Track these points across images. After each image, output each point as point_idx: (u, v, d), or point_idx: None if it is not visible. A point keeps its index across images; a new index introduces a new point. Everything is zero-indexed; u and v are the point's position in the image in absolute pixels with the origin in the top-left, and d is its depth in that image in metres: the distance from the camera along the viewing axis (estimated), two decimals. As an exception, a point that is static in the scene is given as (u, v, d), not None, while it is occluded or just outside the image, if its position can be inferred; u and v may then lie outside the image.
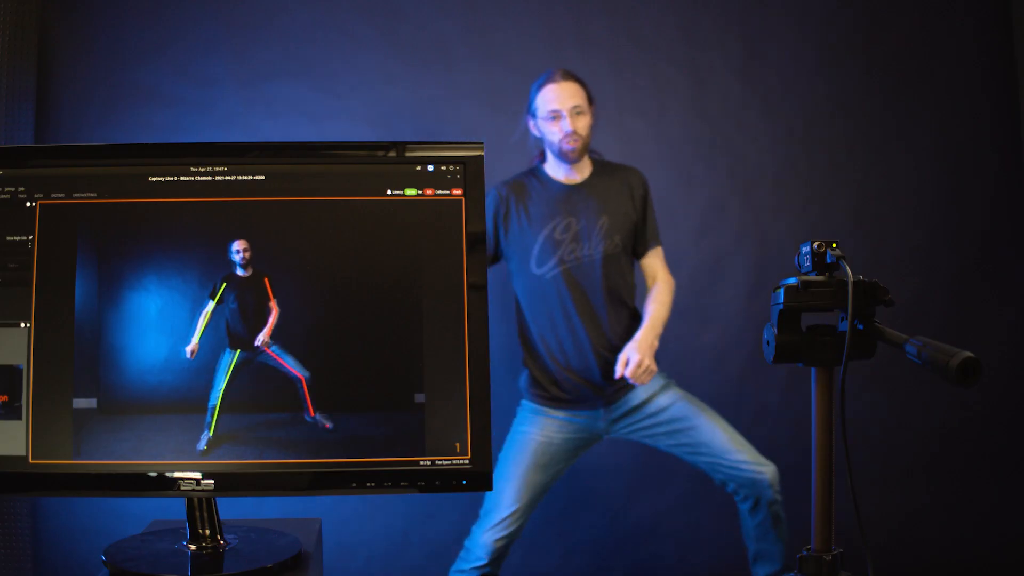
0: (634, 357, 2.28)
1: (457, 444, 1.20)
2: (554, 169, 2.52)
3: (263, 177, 1.22)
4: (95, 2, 2.93)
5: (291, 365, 1.19)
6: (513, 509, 2.36)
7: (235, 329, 1.19)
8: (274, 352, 1.19)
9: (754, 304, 3.04)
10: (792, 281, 1.16)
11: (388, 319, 1.21)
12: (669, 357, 3.02)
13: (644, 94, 3.08)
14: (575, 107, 2.43)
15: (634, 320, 2.48)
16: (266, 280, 1.20)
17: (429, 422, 1.20)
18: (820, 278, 1.16)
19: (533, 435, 2.43)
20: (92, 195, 1.20)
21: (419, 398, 1.20)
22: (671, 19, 3.09)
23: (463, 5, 3.04)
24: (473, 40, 3.04)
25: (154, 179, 1.21)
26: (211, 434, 1.17)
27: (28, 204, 1.19)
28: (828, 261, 1.16)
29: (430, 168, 1.23)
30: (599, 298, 2.43)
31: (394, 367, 1.21)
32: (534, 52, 3.05)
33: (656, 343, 2.36)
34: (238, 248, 1.20)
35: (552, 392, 2.45)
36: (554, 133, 2.44)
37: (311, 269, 1.21)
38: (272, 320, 1.19)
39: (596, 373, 2.41)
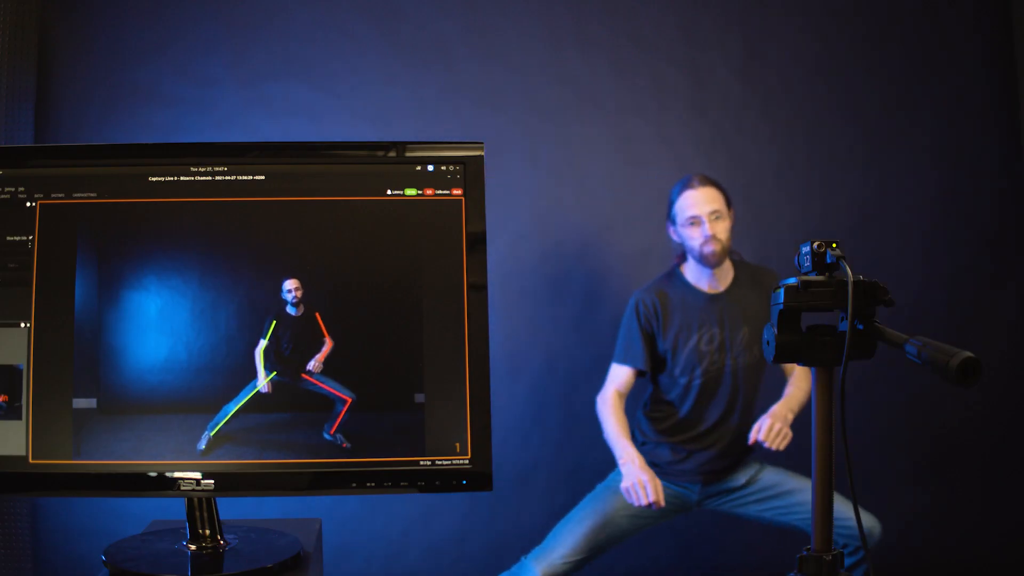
0: (767, 421, 2.31)
1: (457, 444, 1.20)
2: (695, 276, 2.53)
3: (263, 177, 1.22)
4: (95, 2, 2.93)
5: (336, 388, 1.19)
6: (585, 541, 2.37)
7: (282, 359, 1.19)
8: (318, 380, 1.19)
9: (754, 304, 3.04)
10: (792, 281, 1.16)
11: (388, 319, 1.21)
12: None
13: (644, 94, 3.08)
14: (714, 212, 2.45)
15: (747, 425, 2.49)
16: (317, 315, 1.20)
17: (429, 422, 1.20)
18: (820, 278, 1.16)
19: None
20: (92, 195, 1.20)
21: (419, 398, 1.20)
22: (671, 19, 3.09)
23: (463, 5, 3.04)
24: (473, 40, 3.04)
25: (154, 179, 1.21)
26: (211, 434, 1.17)
27: (28, 204, 1.19)
28: (828, 261, 1.16)
29: (430, 168, 1.23)
30: (731, 404, 2.49)
31: (394, 367, 1.21)
32: (534, 52, 3.05)
33: (791, 417, 2.36)
34: (290, 288, 1.20)
35: (653, 464, 2.46)
36: (694, 239, 2.45)
37: (311, 269, 1.21)
38: (326, 351, 1.19)
39: (697, 459, 2.48)
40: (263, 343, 1.18)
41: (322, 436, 1.19)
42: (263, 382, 1.18)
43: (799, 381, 2.49)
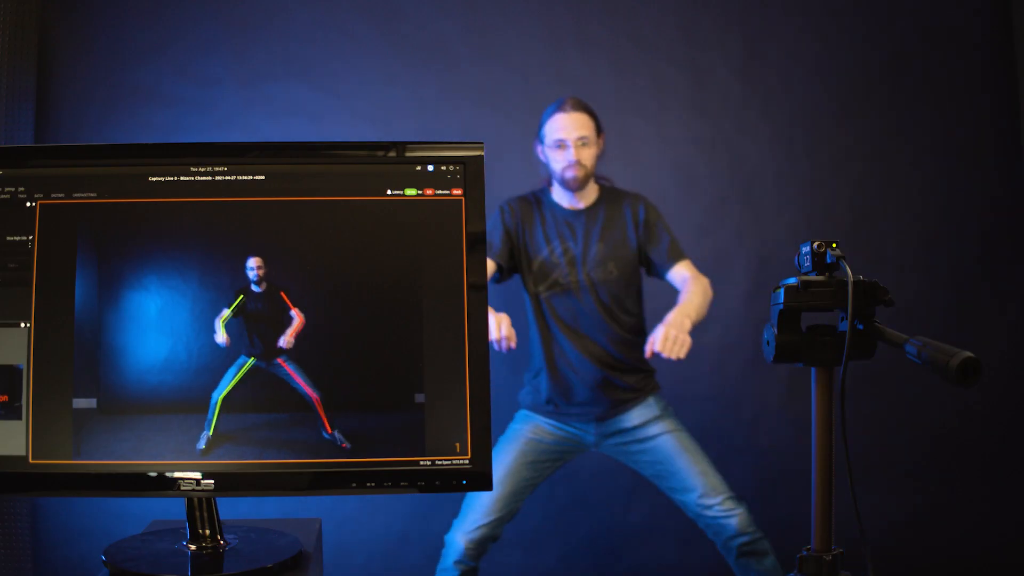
0: (660, 330, 2.24)
1: (457, 444, 1.20)
2: (559, 195, 2.56)
3: (263, 177, 1.22)
4: (95, 2, 2.93)
5: (305, 383, 1.19)
6: (494, 502, 2.38)
7: (254, 339, 1.19)
8: (291, 368, 1.19)
9: (754, 304, 3.04)
10: (792, 281, 1.16)
11: (388, 319, 1.21)
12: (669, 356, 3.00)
13: (644, 94, 3.08)
14: (581, 138, 2.47)
15: (637, 341, 2.50)
16: (282, 294, 1.20)
17: (429, 422, 1.20)
18: (820, 278, 1.16)
19: (524, 432, 2.49)
20: (92, 195, 1.20)
21: (419, 398, 1.20)
22: (671, 19, 3.09)
23: (463, 5, 3.04)
24: (473, 40, 3.04)
25: (154, 179, 1.21)
26: (211, 433, 1.17)
27: (28, 204, 1.19)
28: (828, 261, 1.16)
29: (430, 168, 1.23)
30: (591, 323, 2.47)
31: (394, 367, 1.21)
32: (534, 52, 3.05)
33: (688, 323, 2.29)
34: (252, 265, 1.20)
35: (547, 403, 2.50)
36: (558, 161, 2.48)
37: (311, 269, 1.21)
38: (296, 326, 1.19)
39: (583, 394, 2.45)
40: (226, 312, 1.18)
41: (322, 436, 1.19)
42: (220, 335, 1.17)
43: (693, 286, 2.45)
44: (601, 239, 2.50)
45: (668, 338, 2.21)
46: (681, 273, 2.52)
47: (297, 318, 1.19)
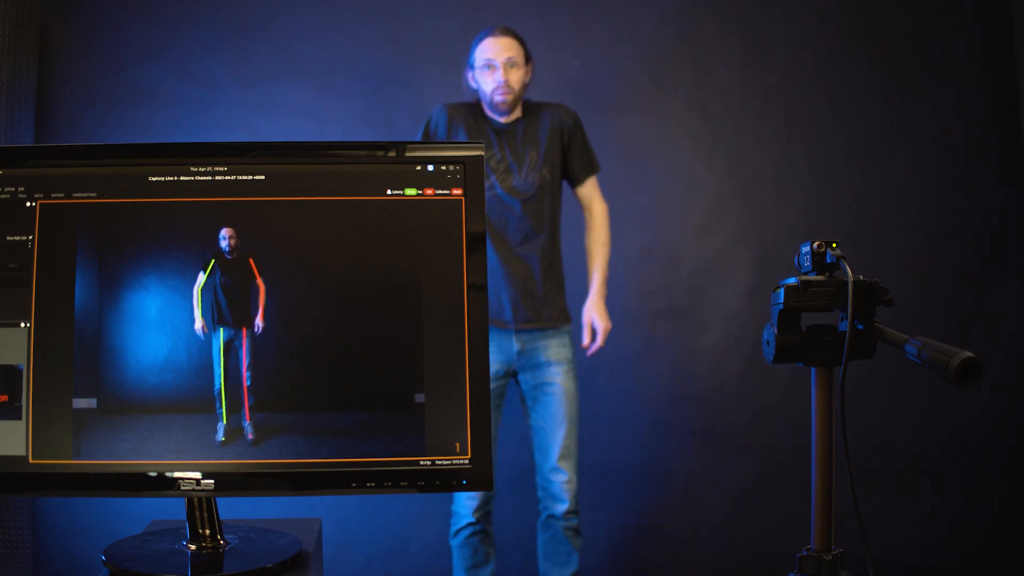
0: (600, 324, 2.53)
1: (457, 444, 1.20)
2: (488, 115, 2.63)
3: (263, 177, 1.22)
4: (95, 2, 2.93)
5: (245, 361, 1.18)
6: None
7: (223, 307, 1.19)
8: (247, 343, 1.19)
9: (754, 304, 3.04)
10: (792, 281, 1.16)
11: (388, 319, 1.21)
12: (669, 357, 3.01)
13: (644, 94, 3.08)
14: (509, 59, 2.54)
15: (554, 249, 2.62)
16: (251, 260, 1.20)
17: (429, 422, 1.20)
18: (820, 278, 1.16)
19: None
20: (92, 195, 1.20)
21: (419, 398, 1.20)
22: (671, 19, 3.09)
23: (463, 5, 3.04)
24: (473, 40, 3.04)
25: (154, 179, 1.21)
26: (226, 423, 1.17)
27: (28, 204, 1.19)
28: (828, 261, 1.16)
29: (430, 168, 1.23)
30: (520, 230, 2.56)
31: (394, 367, 1.21)
32: (534, 52, 3.05)
33: (605, 291, 2.58)
34: (225, 235, 1.20)
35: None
36: (487, 84, 2.55)
37: (311, 269, 1.21)
38: (262, 298, 1.19)
39: (510, 298, 2.55)
40: (202, 277, 1.18)
41: (321, 435, 1.18)
42: (199, 324, 1.17)
43: (597, 235, 2.63)
44: (534, 147, 2.58)
45: (603, 333, 2.52)
46: (587, 194, 2.66)
47: (260, 288, 1.19)
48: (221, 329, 1.18)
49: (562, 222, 2.63)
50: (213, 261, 1.19)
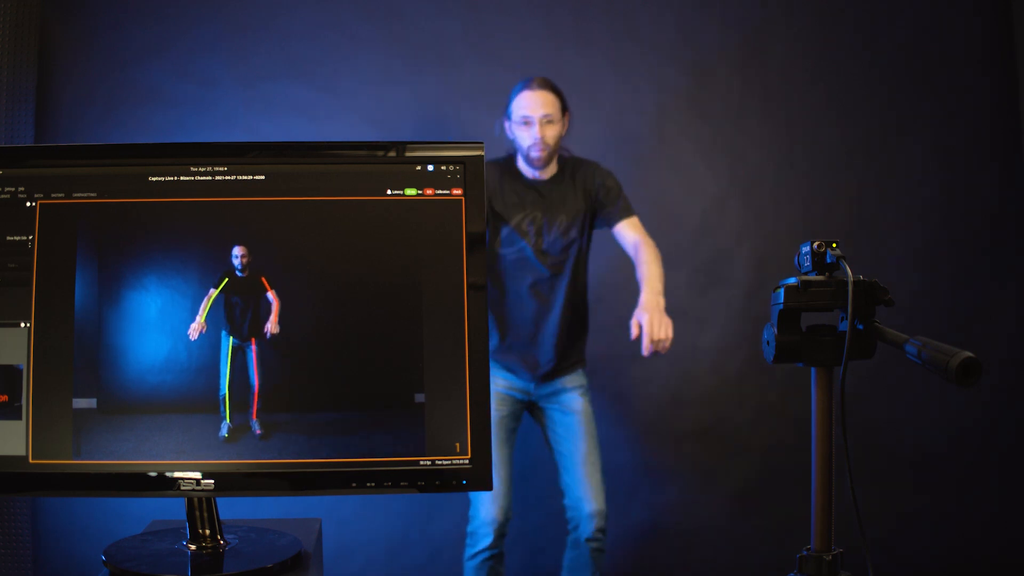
0: (644, 317, 2.31)
1: (457, 444, 1.20)
2: (523, 167, 2.64)
3: (263, 177, 1.22)
4: (95, 2, 2.93)
5: (255, 367, 1.19)
6: (499, 484, 2.51)
7: (235, 322, 1.19)
8: (256, 351, 1.19)
9: (754, 304, 3.05)
10: (792, 281, 1.16)
11: (388, 319, 1.21)
12: (669, 357, 3.01)
13: (644, 94, 3.08)
14: (546, 115, 2.53)
15: (582, 306, 2.65)
16: (263, 279, 1.20)
17: (429, 422, 1.20)
18: (820, 278, 1.16)
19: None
20: (92, 195, 1.20)
21: (419, 398, 1.20)
22: (671, 19, 3.09)
23: (463, 5, 3.04)
24: (473, 40, 3.04)
25: (154, 179, 1.21)
26: (230, 422, 1.17)
27: (28, 204, 1.19)
28: (828, 261, 1.16)
29: (430, 168, 1.23)
30: (549, 289, 2.58)
31: (394, 367, 1.21)
32: (534, 52, 3.05)
33: (662, 301, 2.39)
34: (237, 253, 1.20)
35: (501, 356, 2.62)
36: (524, 139, 2.55)
37: (311, 269, 1.21)
38: (275, 310, 1.19)
39: (534, 353, 2.59)
40: (213, 292, 1.19)
41: (321, 435, 1.19)
42: (195, 328, 1.18)
43: (646, 256, 2.52)
44: (564, 210, 2.58)
45: (655, 324, 2.29)
46: (631, 234, 2.60)
47: (275, 302, 1.19)
48: (230, 338, 1.19)
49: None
50: (226, 280, 1.19)
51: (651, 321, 2.28)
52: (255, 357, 1.19)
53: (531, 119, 2.53)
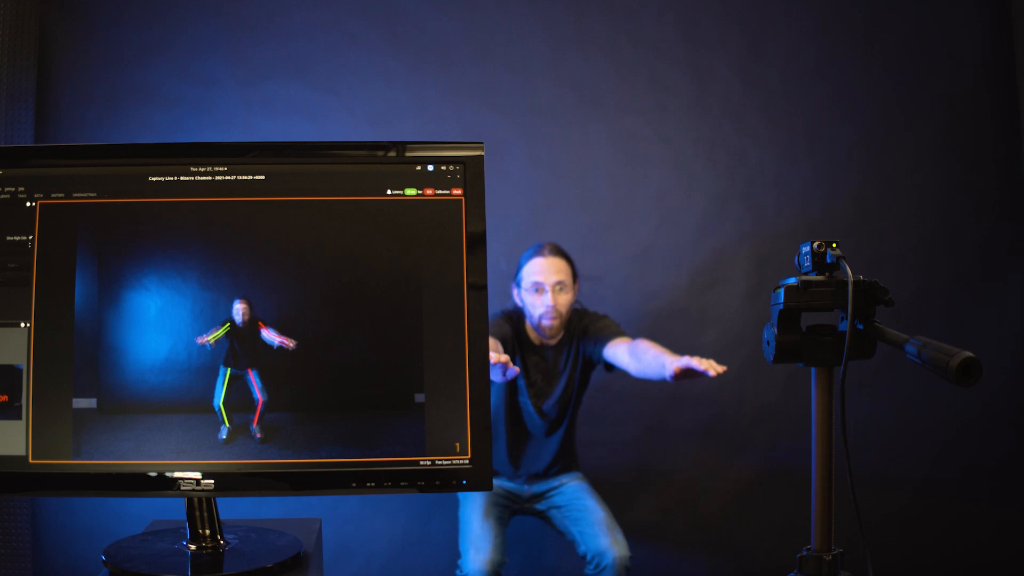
0: (684, 359, 2.17)
1: (457, 444, 1.20)
2: (530, 331, 2.62)
3: (263, 177, 1.22)
4: (95, 2, 2.93)
5: (258, 387, 1.19)
6: (491, 530, 2.47)
7: (237, 356, 1.20)
8: (253, 375, 1.20)
9: (754, 304, 3.04)
10: (792, 281, 1.16)
11: (388, 319, 1.21)
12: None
13: (644, 94, 3.08)
14: (559, 283, 2.50)
15: (571, 447, 2.68)
16: (259, 323, 1.21)
17: (429, 422, 1.20)
18: (820, 278, 1.16)
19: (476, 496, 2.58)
20: (92, 195, 1.20)
21: (419, 398, 1.20)
22: (671, 19, 3.09)
23: (463, 5, 3.04)
24: (473, 40, 3.04)
25: (154, 179, 1.21)
26: (228, 424, 1.18)
27: (28, 204, 1.19)
28: (828, 261, 1.16)
29: (430, 168, 1.23)
30: (554, 427, 2.60)
31: (394, 367, 1.21)
32: (534, 52, 3.05)
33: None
34: (239, 309, 1.20)
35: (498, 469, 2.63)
36: (535, 306, 2.52)
37: (311, 269, 1.21)
38: (278, 337, 1.20)
39: (527, 466, 2.61)
40: (218, 331, 1.20)
41: (321, 435, 1.19)
42: (209, 338, 1.19)
43: (648, 342, 2.45)
44: (564, 377, 2.60)
45: (698, 359, 2.16)
46: (624, 340, 2.53)
47: (276, 340, 1.20)
48: (228, 369, 1.19)
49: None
50: (228, 325, 1.20)
51: (693, 358, 2.17)
52: (255, 381, 1.19)
53: (543, 286, 2.48)
